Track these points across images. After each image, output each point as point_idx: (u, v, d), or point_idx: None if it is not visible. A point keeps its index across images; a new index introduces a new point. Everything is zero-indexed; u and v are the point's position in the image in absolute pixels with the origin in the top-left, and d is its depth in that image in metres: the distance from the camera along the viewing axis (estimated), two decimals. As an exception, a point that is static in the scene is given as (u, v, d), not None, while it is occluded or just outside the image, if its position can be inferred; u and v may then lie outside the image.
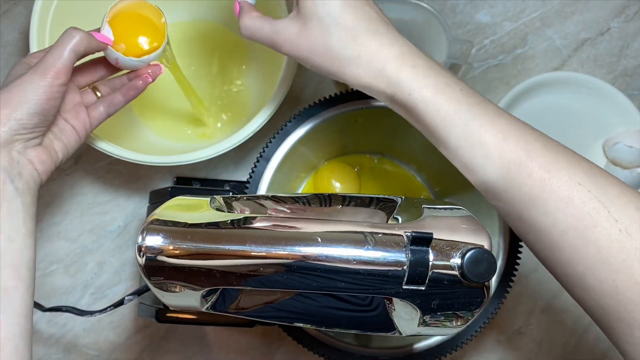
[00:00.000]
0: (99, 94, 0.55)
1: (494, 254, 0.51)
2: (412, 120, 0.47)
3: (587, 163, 0.43)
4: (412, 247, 0.39)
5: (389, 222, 0.43)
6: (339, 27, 0.45)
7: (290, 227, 0.40)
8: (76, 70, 0.52)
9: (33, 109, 0.46)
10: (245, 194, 0.55)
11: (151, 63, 0.55)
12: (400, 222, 0.42)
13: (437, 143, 0.46)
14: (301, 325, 0.50)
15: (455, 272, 0.39)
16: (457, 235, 0.40)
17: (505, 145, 0.43)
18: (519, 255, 0.55)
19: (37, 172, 0.48)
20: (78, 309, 0.53)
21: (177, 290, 0.41)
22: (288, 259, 0.39)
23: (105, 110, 0.54)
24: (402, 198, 0.45)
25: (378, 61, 0.45)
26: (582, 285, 0.41)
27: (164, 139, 0.69)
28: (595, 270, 0.40)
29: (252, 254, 0.39)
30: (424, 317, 0.41)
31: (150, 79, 0.56)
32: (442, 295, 0.40)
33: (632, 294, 0.39)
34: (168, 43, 0.56)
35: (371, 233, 0.40)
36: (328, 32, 0.45)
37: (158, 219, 0.40)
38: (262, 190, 0.56)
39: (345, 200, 0.46)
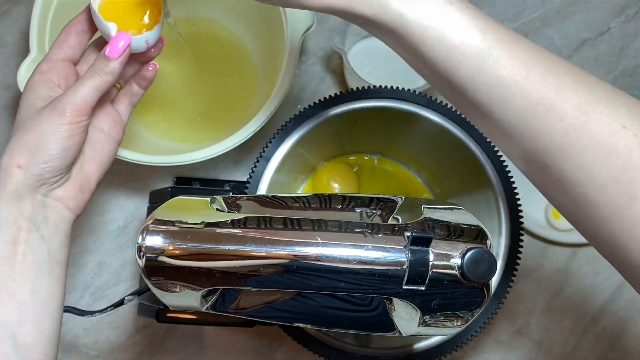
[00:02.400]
0: (118, 85, 0.51)
1: (494, 254, 0.51)
2: (402, 50, 0.38)
3: (629, 99, 0.35)
4: (412, 247, 0.39)
5: (389, 222, 0.43)
6: None
7: (290, 227, 0.40)
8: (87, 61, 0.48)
9: (56, 151, 0.42)
10: (245, 194, 0.55)
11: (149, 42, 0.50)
12: (400, 222, 0.42)
13: (436, 80, 0.38)
14: (301, 325, 0.50)
15: (455, 272, 0.39)
16: (457, 235, 0.40)
17: (529, 83, 0.35)
18: (519, 255, 0.55)
19: (68, 210, 0.45)
20: (78, 309, 0.53)
21: (177, 290, 0.41)
22: (288, 259, 0.39)
23: (129, 101, 0.51)
24: (402, 198, 0.45)
25: None
26: (616, 245, 0.35)
27: (163, 140, 0.69)
28: (636, 231, 0.34)
29: (252, 254, 0.39)
30: (424, 317, 0.41)
31: (156, 66, 0.51)
32: (442, 295, 0.40)
33: None
34: (166, 5, 0.51)
35: (371, 233, 0.40)
36: None
37: (158, 219, 0.40)
38: (262, 190, 0.56)
39: (346, 200, 0.46)
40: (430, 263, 0.39)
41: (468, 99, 0.37)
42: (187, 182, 0.68)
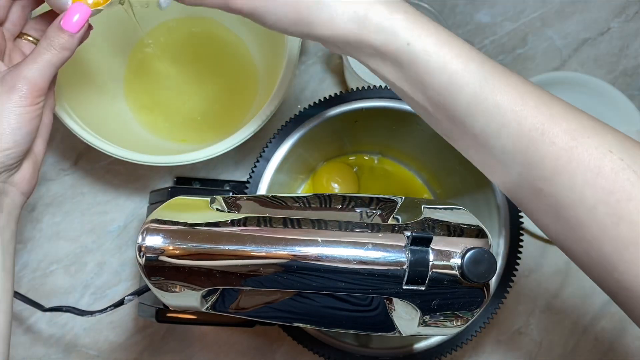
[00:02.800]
0: (31, 39, 0.47)
1: (494, 254, 0.51)
2: (404, 79, 0.39)
3: (613, 129, 0.37)
4: (412, 247, 0.39)
5: (389, 222, 0.43)
6: None
7: (290, 227, 0.40)
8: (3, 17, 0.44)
9: (19, 136, 0.41)
10: (245, 194, 0.55)
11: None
12: (400, 222, 0.42)
13: (437, 108, 0.39)
14: (301, 325, 0.50)
15: (455, 272, 0.39)
16: (457, 235, 0.40)
17: (524, 110, 0.37)
18: (519, 255, 0.55)
19: (22, 195, 0.43)
20: (78, 309, 0.53)
21: (177, 290, 0.41)
22: (288, 259, 0.39)
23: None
24: (402, 198, 0.45)
25: (359, 3, 0.37)
26: (608, 267, 0.37)
27: (163, 140, 0.69)
28: (624, 251, 0.36)
29: (252, 254, 0.39)
30: (424, 317, 0.41)
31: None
32: (442, 295, 0.40)
33: None
34: None
35: (371, 233, 0.40)
36: None
37: (158, 219, 0.40)
38: (262, 190, 0.56)
39: (345, 200, 0.46)
40: (430, 263, 0.39)
41: (465, 127, 0.39)
42: (187, 182, 0.68)
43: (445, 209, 0.44)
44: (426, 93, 0.39)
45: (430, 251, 0.39)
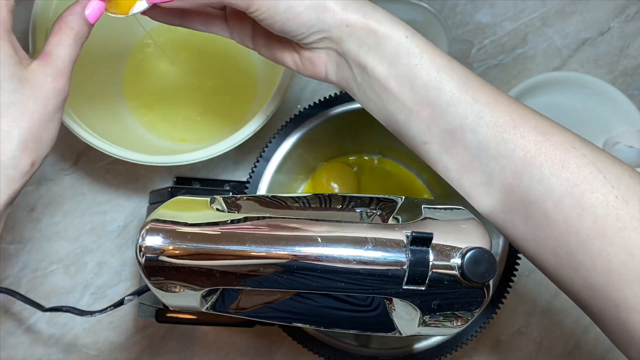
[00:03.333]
0: None
1: (494, 254, 0.51)
2: (393, 76, 0.42)
3: (578, 135, 0.41)
4: (412, 247, 0.39)
5: (389, 222, 0.43)
6: None
7: (290, 227, 0.40)
8: None
9: (55, 138, 0.41)
10: (245, 194, 0.55)
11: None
12: (400, 222, 0.42)
13: (417, 102, 0.42)
14: (301, 325, 0.50)
15: (456, 272, 0.39)
16: (457, 235, 0.40)
17: (499, 107, 0.40)
18: (519, 255, 0.55)
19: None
20: (78, 309, 0.53)
21: (177, 290, 0.41)
22: (288, 259, 0.39)
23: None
24: (402, 198, 0.45)
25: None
26: (572, 264, 0.39)
27: (163, 140, 0.69)
28: (589, 243, 0.38)
29: (252, 254, 0.39)
30: (424, 317, 0.41)
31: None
32: (442, 296, 0.40)
33: (625, 269, 0.37)
34: None
35: (371, 233, 0.40)
36: None
37: (158, 219, 0.40)
38: (262, 190, 0.56)
39: (345, 200, 0.46)
40: (430, 263, 0.39)
41: (447, 122, 0.41)
42: (187, 182, 0.68)
43: (445, 209, 0.44)
44: (414, 89, 0.42)
45: (430, 251, 0.39)
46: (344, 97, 0.57)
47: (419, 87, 0.41)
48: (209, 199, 0.43)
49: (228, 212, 0.43)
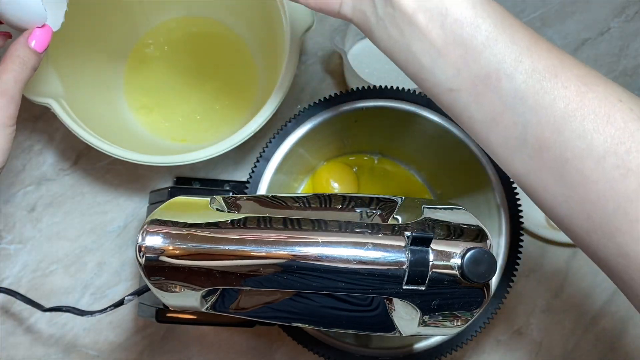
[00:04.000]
0: None
1: (494, 254, 0.51)
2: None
3: (623, 88, 0.37)
4: (412, 247, 0.39)
5: (389, 222, 0.43)
6: None
7: (290, 227, 0.40)
8: None
9: (6, 156, 0.44)
10: (245, 194, 0.55)
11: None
12: (400, 222, 0.42)
13: (448, 42, 0.37)
14: (301, 325, 0.50)
15: (455, 272, 0.39)
16: (457, 235, 0.40)
17: (539, 52, 0.36)
18: (519, 255, 0.55)
19: None
20: (78, 309, 0.53)
21: (177, 290, 0.41)
22: (288, 259, 0.39)
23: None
24: (402, 198, 0.45)
25: None
26: (607, 229, 0.35)
27: (163, 140, 0.69)
28: (630, 208, 0.34)
29: (252, 254, 0.39)
30: (424, 317, 0.41)
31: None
32: (442, 295, 0.40)
33: None
34: None
35: (371, 233, 0.40)
36: None
37: (158, 219, 0.40)
38: (262, 190, 0.56)
39: (345, 200, 0.46)
40: (430, 263, 0.39)
41: (480, 66, 0.37)
42: (187, 182, 0.68)
43: (445, 209, 0.44)
44: (444, 26, 0.37)
45: (430, 251, 0.39)
46: (344, 97, 0.57)
47: (451, 24, 0.37)
48: (209, 199, 0.43)
49: (228, 212, 0.43)
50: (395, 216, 0.44)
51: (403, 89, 0.57)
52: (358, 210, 0.46)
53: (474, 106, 0.38)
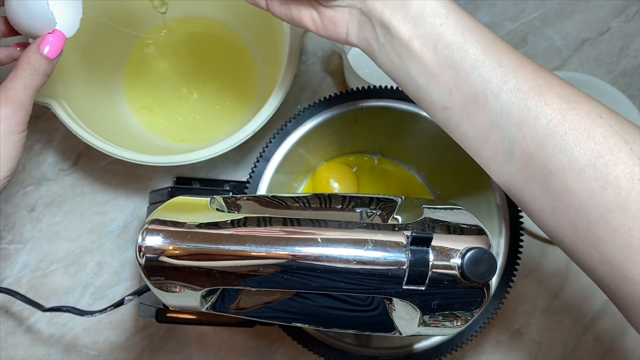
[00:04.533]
0: None
1: (494, 254, 0.51)
2: (417, 36, 0.41)
3: (604, 105, 0.39)
4: (412, 247, 0.39)
5: (389, 222, 0.43)
6: None
7: (290, 227, 0.40)
8: None
9: (16, 161, 0.44)
10: (245, 194, 0.55)
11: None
12: (400, 222, 0.42)
13: (440, 64, 0.40)
14: (301, 325, 0.50)
15: (455, 272, 0.39)
16: (457, 235, 0.40)
17: (524, 73, 0.39)
18: (519, 255, 0.55)
19: None
20: (78, 309, 0.53)
21: (177, 290, 0.41)
22: (288, 259, 0.39)
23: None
24: (402, 198, 0.45)
25: None
26: (591, 237, 0.37)
27: (163, 140, 0.69)
28: (610, 217, 0.36)
29: (252, 254, 0.39)
30: (424, 317, 0.41)
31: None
32: (442, 296, 0.40)
33: None
34: None
35: (371, 233, 0.40)
36: None
37: (158, 219, 0.40)
38: (262, 190, 0.56)
39: (345, 200, 0.46)
40: (430, 263, 0.39)
41: (469, 85, 0.40)
42: (187, 182, 0.68)
43: (445, 209, 0.44)
44: (437, 50, 0.40)
45: (430, 251, 0.39)
46: (344, 97, 0.57)
47: (443, 48, 0.40)
48: (209, 199, 0.43)
49: (228, 212, 0.43)
50: (395, 216, 0.43)
51: (403, 89, 0.57)
52: (358, 210, 0.46)
53: (465, 123, 0.41)
